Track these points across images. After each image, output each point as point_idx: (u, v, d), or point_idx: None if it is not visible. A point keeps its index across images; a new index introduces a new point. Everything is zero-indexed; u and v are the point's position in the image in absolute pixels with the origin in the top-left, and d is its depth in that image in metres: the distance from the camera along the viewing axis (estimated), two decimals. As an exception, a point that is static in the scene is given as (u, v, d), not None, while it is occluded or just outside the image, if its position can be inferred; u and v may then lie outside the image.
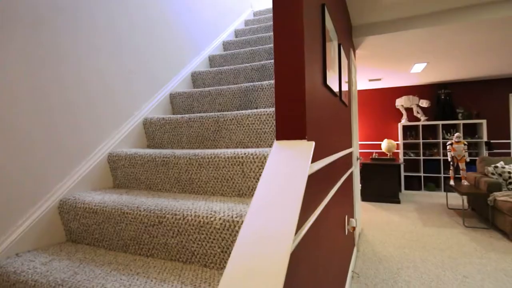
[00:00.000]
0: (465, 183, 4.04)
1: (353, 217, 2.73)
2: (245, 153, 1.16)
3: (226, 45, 2.64)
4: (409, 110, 6.05)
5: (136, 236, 1.05)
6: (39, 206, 1.14)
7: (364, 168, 5.08)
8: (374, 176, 5.00)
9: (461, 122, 5.38)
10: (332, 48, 1.67)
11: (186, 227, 0.96)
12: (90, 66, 1.36)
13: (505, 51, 3.81)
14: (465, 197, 4.96)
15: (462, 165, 4.09)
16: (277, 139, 1.06)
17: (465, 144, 4.08)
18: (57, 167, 1.20)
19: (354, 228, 2.33)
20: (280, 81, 1.07)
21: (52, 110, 1.19)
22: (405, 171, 5.94)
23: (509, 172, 3.60)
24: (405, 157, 5.85)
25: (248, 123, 1.41)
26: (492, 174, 3.77)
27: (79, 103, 1.31)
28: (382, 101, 6.21)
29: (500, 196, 3.27)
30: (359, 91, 6.39)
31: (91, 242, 1.15)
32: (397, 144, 6.00)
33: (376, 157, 5.28)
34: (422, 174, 5.65)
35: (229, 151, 1.19)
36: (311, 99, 1.15)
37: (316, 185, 1.14)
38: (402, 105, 5.88)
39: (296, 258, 0.85)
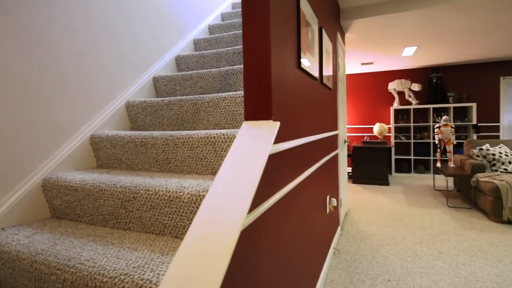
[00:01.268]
0: (451, 165, 4.14)
1: (337, 198, 2.82)
2: (217, 134, 1.22)
3: (211, 29, 2.64)
4: (401, 94, 6.08)
5: (114, 211, 1.13)
6: (23, 184, 1.20)
7: (355, 151, 5.16)
8: (365, 159, 5.09)
9: (452, 105, 5.42)
10: (309, 32, 1.70)
11: (158, 202, 1.03)
12: (69, 49, 1.40)
13: (496, 34, 3.81)
14: (450, 179, 5.09)
15: (449, 148, 4.17)
16: (245, 120, 1.12)
17: (452, 127, 4.14)
18: (40, 148, 1.26)
19: (335, 207, 2.43)
20: (248, 64, 1.11)
21: (34, 92, 1.23)
22: (396, 154, 6.04)
23: (493, 154, 3.69)
24: (396, 141, 5.93)
25: (224, 105, 1.46)
26: (477, 156, 3.86)
27: (61, 85, 1.35)
28: (374, 85, 6.22)
29: (483, 177, 3.37)
30: (351, 75, 6.39)
31: (73, 218, 1.22)
32: (389, 127, 6.07)
33: (367, 140, 5.36)
34: (412, 157, 5.75)
35: (203, 132, 1.25)
36: (280, 82, 1.20)
37: (283, 163, 1.20)
38: (394, 89, 5.90)
39: (255, 230, 0.93)
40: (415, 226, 3.04)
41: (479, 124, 5.51)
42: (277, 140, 1.14)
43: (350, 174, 5.74)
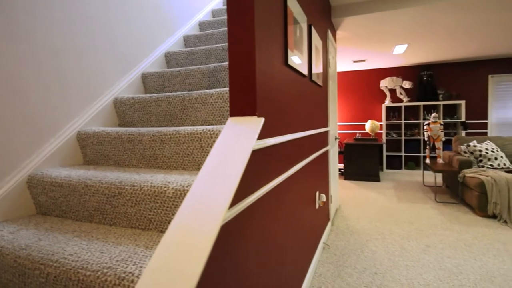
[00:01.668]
0: (440, 161, 4.21)
1: (327, 194, 2.86)
2: (203, 130, 1.23)
3: (202, 25, 2.64)
4: (392, 92, 6.15)
5: (99, 207, 1.13)
6: (8, 180, 1.20)
7: (347, 148, 5.21)
8: (357, 156, 5.14)
9: (441, 103, 5.50)
10: (297, 29, 1.71)
11: (143, 197, 1.04)
12: (60, 44, 1.39)
13: (484, 33, 3.87)
14: (439, 175, 5.18)
15: (438, 144, 4.24)
16: (230, 116, 1.13)
17: (441, 124, 4.21)
18: (25, 144, 1.26)
19: (324, 203, 2.46)
20: (233, 61, 1.12)
21: (21, 88, 1.23)
22: (387, 151, 6.11)
23: (480, 151, 3.77)
24: (387, 137, 6.00)
25: (212, 102, 1.47)
26: (464, 152, 3.93)
27: (49, 82, 1.34)
28: (367, 82, 6.27)
29: (469, 172, 3.44)
30: (344, 72, 6.43)
31: (59, 214, 1.22)
32: (381, 125, 6.14)
33: (359, 137, 5.41)
34: (403, 154, 5.83)
35: (189, 128, 1.26)
36: (266, 78, 1.21)
37: (269, 159, 1.22)
38: (386, 86, 5.96)
39: (238, 224, 0.94)
40: (404, 221, 3.09)
41: (467, 121, 5.61)
42: (263, 136, 1.16)
43: (342, 170, 5.80)
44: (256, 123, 1.08)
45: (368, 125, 5.71)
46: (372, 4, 3.14)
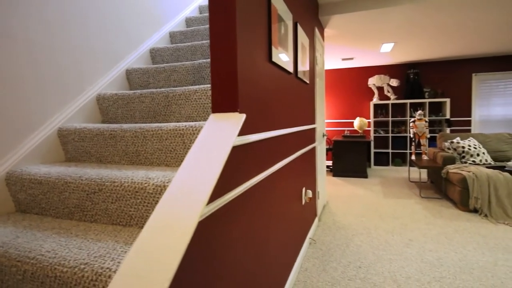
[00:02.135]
0: (425, 158, 4.30)
1: (314, 190, 2.89)
2: (185, 126, 1.23)
3: (189, 21, 2.62)
4: (380, 89, 6.23)
5: (79, 204, 1.12)
6: (-15, 178, 1.18)
7: (335, 145, 5.27)
8: (345, 152, 5.21)
9: (427, 100, 5.62)
10: (282, 26, 1.72)
11: (123, 193, 1.04)
12: (39, 41, 1.36)
13: (468, 32, 3.96)
14: (424, 171, 5.30)
15: (423, 141, 4.33)
16: (212, 112, 1.14)
17: (426, 122, 4.30)
18: (3, 141, 1.23)
19: (310, 199, 2.49)
20: (215, 58, 1.12)
21: (-8, 84, 1.20)
22: (375, 147, 6.21)
23: (462, 147, 3.87)
24: (375, 135, 6.09)
25: (195, 98, 1.47)
26: (448, 149, 4.03)
27: (27, 77, 1.32)
28: (355, 80, 6.34)
29: (452, 168, 3.54)
30: (332, 70, 6.48)
31: (39, 212, 1.21)
32: (369, 122, 6.22)
33: (348, 134, 5.48)
34: (390, 151, 5.93)
35: (171, 125, 1.26)
36: (249, 75, 1.22)
37: (252, 155, 1.23)
38: (374, 84, 6.04)
39: (219, 219, 0.95)
40: (389, 216, 3.16)
41: (451, 119, 5.74)
42: (245, 132, 1.17)
43: (331, 167, 5.86)
44: (237, 119, 1.08)
45: (357, 122, 5.79)
46: (358, 3, 3.17)
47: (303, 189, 2.37)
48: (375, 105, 6.15)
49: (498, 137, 4.11)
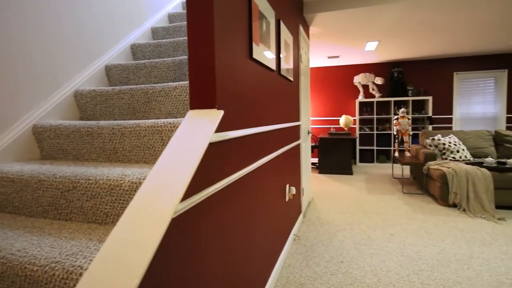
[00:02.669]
0: (407, 155, 4.41)
1: (298, 187, 2.92)
2: (163, 123, 1.22)
3: (171, 17, 2.59)
4: (365, 87, 6.33)
5: (53, 202, 1.10)
6: (-47, 176, 1.13)
7: (321, 142, 5.32)
8: (331, 149, 5.27)
9: (411, 98, 5.74)
10: (264, 23, 1.72)
11: (98, 191, 1.03)
12: (12, 35, 1.31)
13: (449, 32, 4.06)
14: (406, 167, 5.43)
15: (406, 138, 4.43)
16: (190, 108, 1.13)
17: (409, 119, 4.40)
18: (-28, 138, 1.19)
19: (294, 196, 2.52)
20: (192, 54, 1.12)
21: (-40, 79, 1.16)
22: (360, 145, 6.31)
23: (443, 144, 3.98)
24: (360, 132, 6.19)
25: (175, 95, 1.46)
26: (430, 145, 4.14)
27: (-5, 73, 1.27)
28: (341, 78, 6.42)
29: (433, 165, 3.64)
30: (319, 68, 6.53)
31: (12, 211, 1.18)
32: (354, 119, 6.31)
33: (334, 132, 5.55)
34: (375, 148, 6.04)
35: (150, 121, 1.24)
36: (228, 72, 1.22)
37: (232, 151, 1.23)
38: (359, 82, 6.12)
39: (195, 216, 0.95)
40: (372, 212, 3.22)
41: (433, 116, 5.89)
42: (223, 129, 1.17)
43: (317, 164, 5.92)
44: (215, 116, 1.08)
45: (342, 120, 5.87)
46: (342, 1, 3.20)
47: (287, 186, 2.39)
48: (361, 103, 6.24)
49: (477, 134, 4.25)
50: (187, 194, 0.90)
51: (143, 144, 1.26)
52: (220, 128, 1.13)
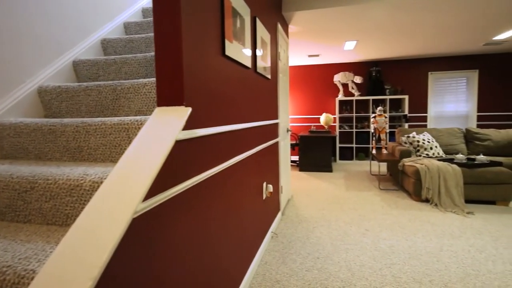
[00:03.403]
0: (384, 152, 4.53)
1: (277, 185, 2.93)
2: (130, 120, 1.18)
3: (146, 12, 2.52)
4: (345, 86, 6.44)
5: (10, 204, 1.04)
6: None
7: (302, 140, 5.37)
8: (311, 147, 5.33)
9: (388, 97, 5.90)
10: (238, 20, 1.71)
11: (58, 191, 0.98)
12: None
13: (424, 33, 4.19)
14: (383, 164, 5.58)
15: (382, 136, 4.55)
16: (158, 105, 1.10)
17: (385, 117, 4.52)
18: None
19: (271, 193, 2.52)
20: (159, 50, 1.09)
21: None
22: (340, 142, 6.42)
23: (417, 141, 4.11)
24: (340, 130, 6.30)
25: (145, 92, 1.42)
26: (405, 143, 4.27)
27: None
28: (321, 76, 6.50)
29: (408, 161, 3.75)
30: (299, 66, 6.58)
31: (-35, 213, 1.11)
32: (334, 117, 6.41)
33: (314, 130, 5.61)
34: (354, 145, 6.17)
35: (116, 119, 1.20)
36: (198, 68, 1.20)
37: (200, 149, 1.21)
38: (339, 81, 6.22)
39: (160, 216, 0.92)
40: (349, 208, 3.29)
41: (409, 115, 6.09)
42: (192, 126, 1.14)
43: (297, 162, 5.97)
44: (182, 113, 1.06)
45: (323, 118, 5.94)
46: (319, 0, 3.23)
47: (264, 184, 2.39)
48: (340, 101, 6.35)
49: (449, 132, 4.42)
50: (151, 193, 0.88)
51: (109, 143, 1.21)
52: (188, 126, 1.11)
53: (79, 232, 0.72)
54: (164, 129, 0.99)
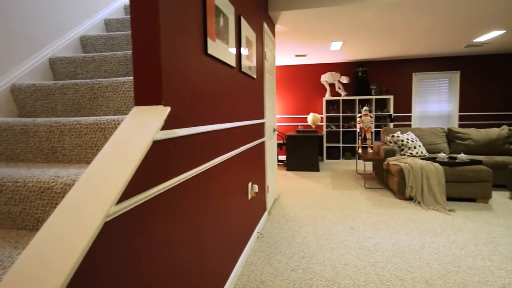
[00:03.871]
0: (370, 151, 4.59)
1: (263, 185, 2.92)
2: (106, 120, 1.14)
3: (127, 9, 2.46)
4: (332, 86, 6.50)
5: (-23, 208, 0.99)
6: None
7: (289, 140, 5.39)
8: (298, 147, 5.35)
9: (374, 97, 5.99)
10: (221, 19, 1.68)
11: (27, 194, 0.94)
12: None
13: (408, 34, 4.26)
14: (369, 163, 5.66)
15: (368, 135, 4.61)
16: (135, 105, 1.07)
17: (371, 117, 4.58)
18: None
19: (257, 193, 2.51)
20: (136, 48, 1.05)
21: None
22: (327, 142, 6.48)
23: (402, 140, 4.19)
24: (327, 129, 6.35)
25: (124, 90, 1.38)
26: (390, 142, 4.34)
27: None
28: (308, 76, 6.53)
29: (392, 160, 3.81)
30: (286, 66, 6.60)
31: None
32: (321, 117, 6.46)
33: (301, 129, 5.64)
34: (341, 145, 6.23)
35: (92, 118, 1.16)
36: (178, 66, 1.17)
37: (181, 150, 1.18)
38: (326, 81, 6.27)
39: (137, 218, 0.89)
40: (335, 207, 3.31)
41: (394, 114, 6.20)
42: (172, 126, 1.12)
43: (285, 161, 5.99)
44: (161, 112, 1.03)
45: (310, 118, 5.98)
46: (305, 0, 3.23)
47: (249, 184, 2.38)
48: (327, 101, 6.40)
49: (432, 131, 4.52)
50: (126, 195, 0.85)
51: (84, 143, 1.17)
52: (167, 126, 1.08)
53: (47, 237, 0.68)
54: (141, 129, 0.96)
